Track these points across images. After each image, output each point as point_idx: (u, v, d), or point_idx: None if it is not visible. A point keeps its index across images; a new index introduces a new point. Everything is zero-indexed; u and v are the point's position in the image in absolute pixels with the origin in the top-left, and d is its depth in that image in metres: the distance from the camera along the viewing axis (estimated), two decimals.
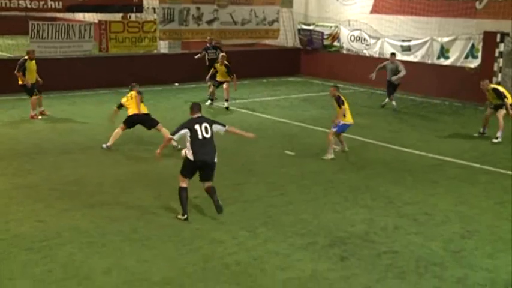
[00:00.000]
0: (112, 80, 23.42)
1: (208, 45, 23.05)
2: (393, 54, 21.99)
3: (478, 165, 14.74)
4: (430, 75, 23.80)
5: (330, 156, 14.92)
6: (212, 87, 21.25)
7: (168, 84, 25.04)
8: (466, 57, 23.07)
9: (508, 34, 21.26)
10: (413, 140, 17.13)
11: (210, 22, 26.19)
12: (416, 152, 15.85)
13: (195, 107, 11.33)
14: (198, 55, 22.90)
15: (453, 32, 23.39)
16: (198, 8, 25.71)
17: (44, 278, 8.82)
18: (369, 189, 12.94)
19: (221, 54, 21.47)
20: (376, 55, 26.14)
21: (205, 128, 11.01)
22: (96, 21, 24.49)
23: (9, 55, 26.94)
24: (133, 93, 15.40)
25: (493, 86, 17.77)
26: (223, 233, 10.49)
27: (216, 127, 11.25)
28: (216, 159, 11.10)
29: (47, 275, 8.91)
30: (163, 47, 26.72)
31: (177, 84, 25.30)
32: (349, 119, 15.36)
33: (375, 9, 26.40)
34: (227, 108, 20.87)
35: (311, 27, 28.72)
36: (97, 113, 19.67)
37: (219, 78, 21.09)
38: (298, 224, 10.95)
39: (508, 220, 11.29)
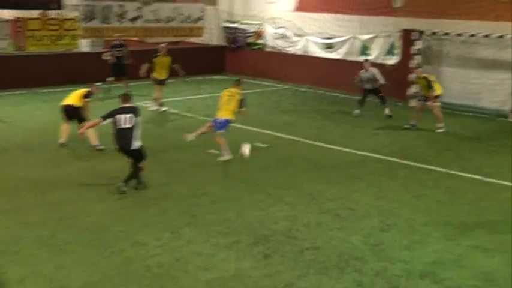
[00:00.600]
0: (30, 80, 22.83)
1: (115, 42, 22.64)
2: (366, 60, 21.10)
3: (397, 160, 15.10)
4: (352, 72, 24.10)
5: (226, 157, 14.62)
6: (158, 87, 20.45)
7: (89, 85, 24.43)
8: (386, 54, 23.58)
9: (423, 32, 21.79)
10: (336, 137, 17.42)
11: (133, 20, 25.80)
12: (339, 148, 16.12)
13: (123, 97, 12.55)
14: (107, 55, 22.34)
15: (373, 30, 23.87)
16: (121, 6, 25.30)
17: None
18: (293, 186, 13.06)
19: (162, 44, 21.05)
20: (300, 52, 26.42)
21: (129, 118, 12.09)
22: (12, 18, 23.62)
23: None
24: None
25: (424, 75, 18.35)
26: (146, 235, 10.40)
27: (138, 119, 12.29)
28: (136, 147, 12.13)
29: None
30: (84, 45, 26.19)
31: (99, 83, 24.81)
32: (219, 114, 14.92)
33: (299, 7, 26.66)
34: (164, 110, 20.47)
35: (236, 25, 28.78)
36: (14, 114, 19.23)
37: (160, 74, 20.30)
38: (222, 223, 10.97)
39: (424, 213, 11.63)
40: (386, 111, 19.79)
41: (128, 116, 12.12)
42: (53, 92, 21.91)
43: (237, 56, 28.78)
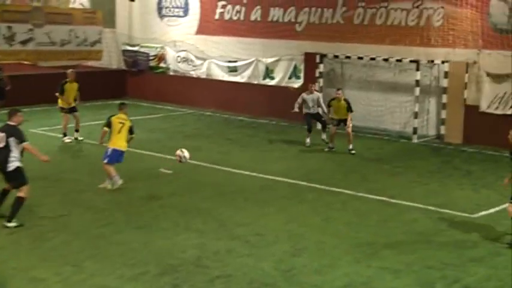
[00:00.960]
0: None
1: None
2: (313, 83, 20.44)
3: (305, 183, 15.23)
4: (257, 96, 24.39)
5: (119, 181, 14.30)
6: (66, 115, 19.66)
7: None
8: (290, 77, 23.87)
9: (326, 55, 22.21)
10: (243, 161, 17.41)
11: (24, 42, 24.69)
12: (247, 172, 16.10)
13: (9, 113, 12.04)
14: None
15: (277, 53, 24.11)
16: (9, 27, 24.13)
17: None
18: (201, 212, 12.93)
19: (70, 70, 20.50)
20: (204, 76, 26.39)
21: (1, 137, 11.62)
22: None
23: None
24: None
25: (344, 97, 18.91)
26: (45, 270, 9.95)
27: (12, 140, 11.65)
28: (10, 168, 11.60)
29: None
30: None
31: None
32: (117, 144, 14.34)
33: (200, 30, 26.66)
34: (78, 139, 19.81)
35: (136, 48, 28.49)
36: None
37: (68, 103, 19.59)
38: (128, 253, 10.68)
39: (334, 236, 11.74)
40: (323, 136, 19.49)
41: (1, 134, 11.67)
42: None
43: (139, 80, 28.45)
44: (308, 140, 19.31)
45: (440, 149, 19.52)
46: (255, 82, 24.77)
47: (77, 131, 19.51)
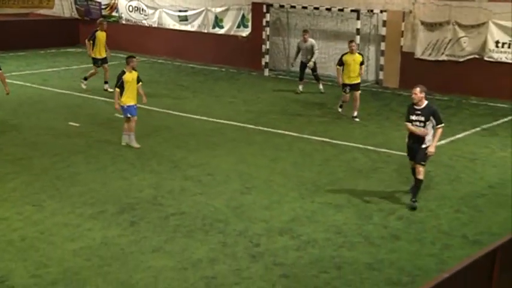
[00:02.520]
0: None
1: None
2: (305, 31, 19.44)
3: (253, 126, 15.33)
4: (207, 44, 24.21)
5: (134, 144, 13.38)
6: (96, 69, 18.92)
7: None
8: (238, 26, 23.73)
9: (272, 5, 22.08)
10: (195, 106, 17.37)
11: None
12: (198, 117, 16.09)
13: None
14: None
15: (225, 3, 23.89)
16: None
17: None
18: (155, 154, 12.96)
19: (100, 19, 19.97)
20: (155, 25, 26.01)
21: None
22: None
23: None
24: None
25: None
26: (6, 210, 9.94)
27: None
28: None
29: None
30: None
31: None
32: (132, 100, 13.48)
33: None
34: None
35: None
36: None
37: (100, 53, 18.87)
38: (87, 194, 10.70)
39: (281, 175, 11.93)
40: (320, 86, 19.31)
41: None
42: None
43: (92, 28, 27.62)
44: (300, 88, 19.21)
45: (379, 93, 19.77)
46: (205, 31, 24.54)
47: (106, 82, 18.76)
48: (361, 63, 15.75)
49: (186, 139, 14.11)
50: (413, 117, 10.16)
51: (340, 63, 15.77)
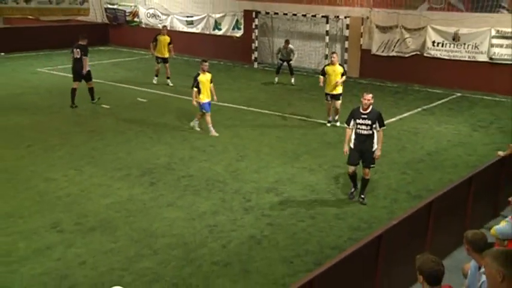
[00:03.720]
0: None
1: None
2: (287, 41, 18.59)
3: (245, 108, 15.25)
4: (209, 42, 23.99)
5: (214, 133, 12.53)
6: (158, 66, 18.08)
7: None
8: (233, 28, 23.47)
9: (260, 12, 21.86)
10: (231, 93, 16.89)
11: (27, 1, 23.41)
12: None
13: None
14: None
15: (223, 10, 23.61)
16: None
17: None
18: (169, 130, 12.90)
19: (163, 25, 19.31)
20: (168, 28, 25.60)
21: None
22: None
23: None
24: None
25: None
26: (55, 173, 9.94)
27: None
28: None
29: None
30: None
31: (3, 54, 22.98)
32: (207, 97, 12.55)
33: None
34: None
35: (115, 7, 27.42)
36: None
37: (162, 53, 17.86)
38: (116, 161, 10.69)
39: (267, 146, 11.90)
40: (292, 80, 18.61)
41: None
42: None
43: (119, 31, 27.51)
44: (276, 79, 18.62)
45: (344, 81, 19.64)
46: (207, 32, 24.25)
47: (168, 78, 18.15)
48: (342, 74, 13.30)
49: (192, 118, 13.96)
50: (360, 121, 8.68)
51: (323, 73, 13.42)
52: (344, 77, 13.35)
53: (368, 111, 8.69)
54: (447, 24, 18.08)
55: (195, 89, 12.34)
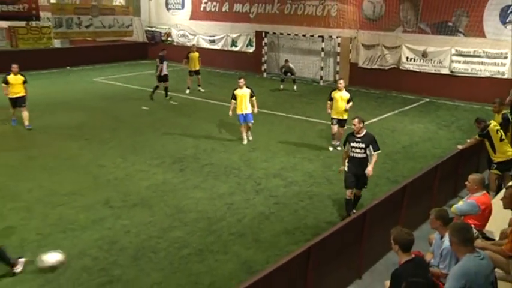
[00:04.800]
0: (22, 66, 20.12)
1: None
2: (287, 60, 18.38)
3: (264, 110, 15.11)
4: (227, 57, 23.90)
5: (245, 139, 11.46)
6: (191, 78, 17.77)
7: (62, 68, 22.77)
8: (247, 45, 23.35)
9: (268, 32, 21.72)
10: (222, 96, 16.61)
11: (87, 26, 23.76)
12: (221, 103, 15.52)
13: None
14: None
15: (238, 31, 23.50)
16: (79, 17, 23.28)
17: None
18: (195, 126, 12.86)
19: (193, 44, 19.19)
20: (195, 45, 25.62)
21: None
22: (7, 27, 21.41)
23: None
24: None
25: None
26: (105, 160, 10.00)
27: None
28: None
29: None
30: (57, 43, 24.18)
31: (68, 67, 23.13)
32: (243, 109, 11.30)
33: (192, 17, 25.67)
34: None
35: (153, 29, 27.39)
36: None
37: (194, 67, 17.42)
38: (153, 151, 10.70)
39: (274, 140, 11.76)
40: (294, 87, 18.26)
41: None
42: (39, 74, 20.15)
43: (156, 48, 27.22)
44: (281, 86, 18.34)
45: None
46: (226, 48, 24.13)
47: (199, 85, 17.87)
48: (349, 101, 10.85)
49: (214, 117, 13.98)
50: (354, 144, 7.35)
51: (330, 98, 11.03)
52: (351, 103, 10.94)
53: (361, 134, 7.40)
54: (418, 43, 17.93)
55: (233, 101, 11.14)
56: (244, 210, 7.80)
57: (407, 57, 18.32)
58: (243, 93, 11.26)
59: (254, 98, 11.34)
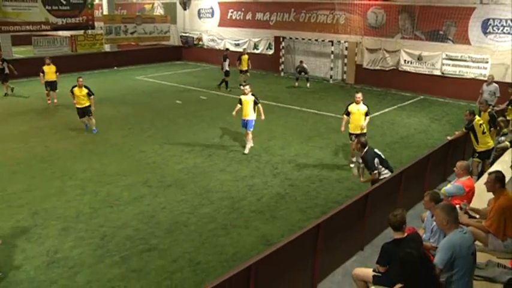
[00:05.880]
0: (80, 67, 20.99)
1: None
2: (301, 61, 18.17)
3: (274, 103, 14.92)
4: (250, 58, 23.29)
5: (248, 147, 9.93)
6: (242, 75, 17.91)
7: (111, 68, 22.94)
8: (267, 48, 23.07)
9: (285, 37, 21.41)
10: (265, 93, 16.72)
11: (132, 33, 24.17)
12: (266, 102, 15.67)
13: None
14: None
15: (260, 36, 23.23)
16: (125, 25, 23.69)
17: (50, 175, 8.10)
18: (222, 118, 12.66)
19: (244, 48, 19.10)
20: (222, 48, 25.46)
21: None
22: (69, 35, 21.97)
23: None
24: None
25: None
26: (145, 147, 10.03)
27: None
28: None
29: (52, 174, 8.21)
30: (107, 47, 24.34)
31: (116, 68, 23.35)
32: (245, 115, 9.87)
33: (220, 24, 25.47)
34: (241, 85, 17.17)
35: (187, 34, 27.32)
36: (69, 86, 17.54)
37: (244, 67, 17.62)
38: (185, 139, 10.70)
39: (289, 130, 11.61)
40: (308, 85, 17.97)
41: None
42: (92, 73, 20.37)
43: (189, 51, 27.39)
44: (296, 84, 18.09)
45: (344, 86, 19.02)
46: (249, 51, 23.85)
47: (244, 81, 17.57)
48: (366, 114, 8.85)
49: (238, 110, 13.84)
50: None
51: (347, 113, 8.97)
52: (368, 118, 8.90)
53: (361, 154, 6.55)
54: (414, 48, 17.53)
55: (238, 105, 9.89)
56: (263, 191, 7.73)
57: (405, 60, 17.92)
58: (246, 99, 9.84)
59: (259, 105, 9.75)
